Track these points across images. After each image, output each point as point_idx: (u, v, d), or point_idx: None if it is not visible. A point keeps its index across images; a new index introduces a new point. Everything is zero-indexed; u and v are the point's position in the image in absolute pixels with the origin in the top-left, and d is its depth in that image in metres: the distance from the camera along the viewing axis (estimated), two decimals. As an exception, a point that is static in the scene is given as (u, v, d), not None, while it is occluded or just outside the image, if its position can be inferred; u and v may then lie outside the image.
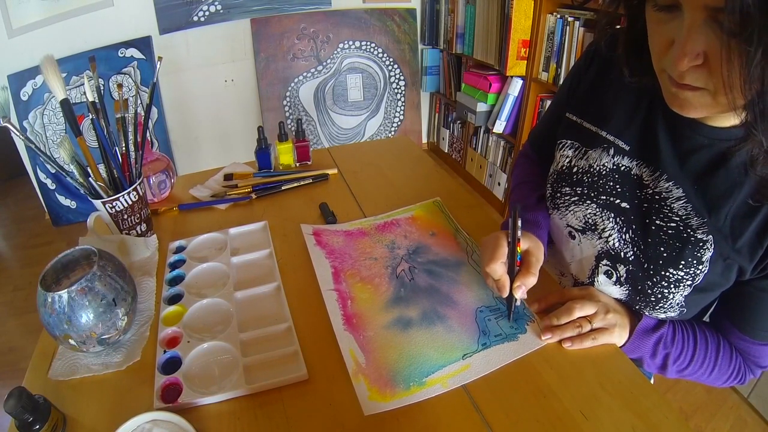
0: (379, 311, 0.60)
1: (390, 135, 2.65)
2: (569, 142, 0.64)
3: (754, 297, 0.52)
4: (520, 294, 0.55)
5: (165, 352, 0.54)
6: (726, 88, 0.37)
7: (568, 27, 1.65)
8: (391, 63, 2.50)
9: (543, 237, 0.64)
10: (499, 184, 2.23)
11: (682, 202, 0.52)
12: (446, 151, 2.73)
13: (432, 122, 2.86)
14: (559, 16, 1.69)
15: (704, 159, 0.50)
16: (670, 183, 0.53)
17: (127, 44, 2.08)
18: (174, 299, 0.63)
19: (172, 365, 0.53)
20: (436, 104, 2.76)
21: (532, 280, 0.55)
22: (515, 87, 1.97)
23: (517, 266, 0.56)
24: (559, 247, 0.68)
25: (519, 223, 0.55)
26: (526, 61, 1.90)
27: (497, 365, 0.52)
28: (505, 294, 0.56)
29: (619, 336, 0.56)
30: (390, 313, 0.59)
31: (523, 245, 0.57)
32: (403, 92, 2.58)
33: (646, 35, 0.45)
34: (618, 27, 0.55)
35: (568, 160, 0.63)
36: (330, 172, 0.95)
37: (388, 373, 0.51)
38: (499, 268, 0.55)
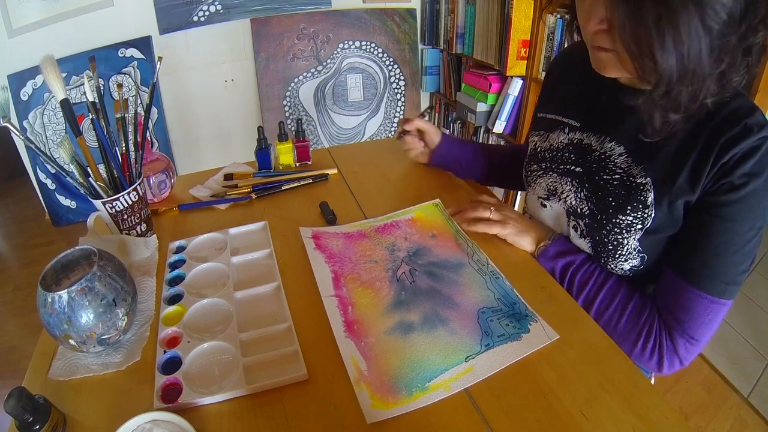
0: (380, 316, 0.59)
1: (390, 135, 2.65)
2: (536, 132, 0.77)
3: (697, 225, 0.56)
4: (408, 126, 0.90)
5: (165, 352, 0.54)
6: (613, 45, 0.48)
7: (568, 27, 1.64)
8: (391, 63, 2.50)
9: (451, 144, 0.91)
10: (499, 184, 2.23)
11: (623, 157, 0.61)
12: (446, 151, 2.73)
13: (432, 122, 2.85)
14: (559, 16, 1.69)
15: (640, 118, 0.57)
16: (613, 143, 0.62)
17: (127, 44, 2.08)
18: (174, 299, 0.63)
19: (172, 365, 0.53)
20: (436, 104, 2.76)
21: (418, 123, 0.89)
22: (515, 87, 1.97)
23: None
24: (539, 218, 0.77)
25: (426, 115, 0.80)
26: (526, 61, 1.89)
27: (501, 366, 0.52)
28: (404, 125, 0.90)
29: (517, 234, 0.70)
30: (391, 318, 0.59)
31: (430, 127, 0.90)
32: (403, 92, 2.58)
33: None
34: None
35: (534, 144, 0.77)
36: (330, 172, 0.95)
37: (390, 380, 0.51)
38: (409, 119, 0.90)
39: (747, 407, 1.33)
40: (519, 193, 2.09)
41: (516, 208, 2.11)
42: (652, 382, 0.78)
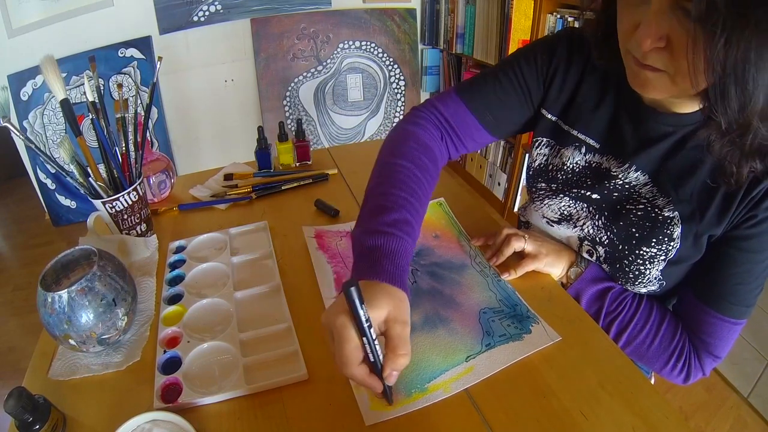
0: None
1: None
2: (545, 140, 0.68)
3: (720, 256, 0.55)
4: (393, 381, 0.44)
5: (165, 352, 0.54)
6: (690, 72, 0.40)
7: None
8: (391, 63, 2.50)
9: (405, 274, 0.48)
10: (499, 184, 2.23)
11: (648, 187, 0.57)
12: (446, 151, 2.73)
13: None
14: (559, 16, 1.69)
15: (668, 144, 0.55)
16: (638, 172, 0.58)
17: (127, 44, 2.08)
18: (174, 299, 0.63)
19: (172, 365, 0.53)
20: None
21: (403, 362, 0.42)
22: (515, 87, 1.97)
23: (380, 353, 0.43)
24: (542, 231, 0.72)
25: (362, 311, 0.39)
26: (526, 61, 1.89)
27: (501, 366, 0.52)
28: (380, 391, 0.44)
29: (549, 265, 0.65)
30: None
31: (378, 317, 0.42)
32: (403, 92, 2.58)
33: (615, 20, 0.48)
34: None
35: (544, 157, 0.69)
36: (330, 172, 0.95)
37: None
38: (358, 372, 0.42)
39: (747, 407, 1.33)
40: (518, 195, 2.09)
41: (515, 209, 2.12)
42: (652, 382, 0.79)
